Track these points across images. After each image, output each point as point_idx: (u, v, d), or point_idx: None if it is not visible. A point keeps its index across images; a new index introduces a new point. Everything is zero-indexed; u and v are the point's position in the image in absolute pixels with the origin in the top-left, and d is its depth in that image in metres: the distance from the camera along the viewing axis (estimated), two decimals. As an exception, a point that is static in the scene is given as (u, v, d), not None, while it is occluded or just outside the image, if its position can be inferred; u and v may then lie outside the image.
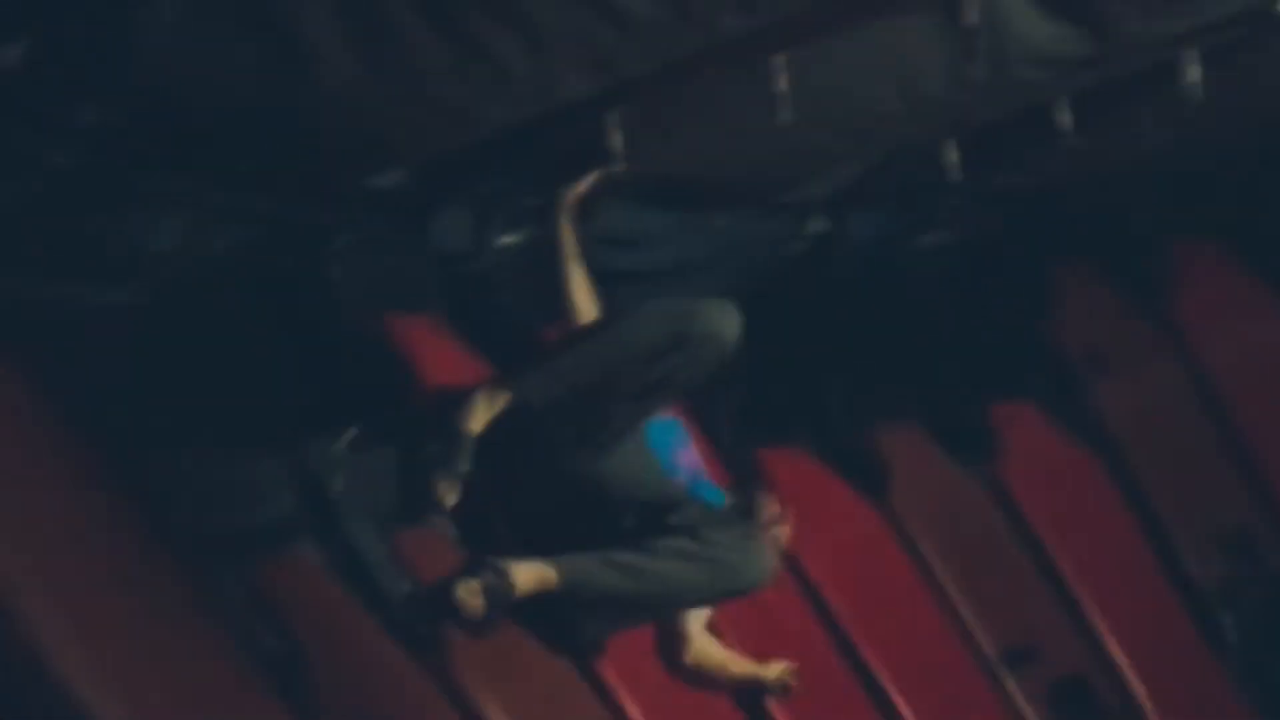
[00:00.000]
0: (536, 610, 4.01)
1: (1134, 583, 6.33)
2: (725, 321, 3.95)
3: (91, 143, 3.63)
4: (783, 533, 4.31)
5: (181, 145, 3.75)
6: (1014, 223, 6.27)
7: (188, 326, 4.10)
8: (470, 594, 3.80)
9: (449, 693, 4.04)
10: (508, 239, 4.67)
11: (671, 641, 4.34)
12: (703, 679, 4.40)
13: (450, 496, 3.90)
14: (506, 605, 3.86)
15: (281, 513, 4.18)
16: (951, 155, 4.97)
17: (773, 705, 4.79)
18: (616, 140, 4.08)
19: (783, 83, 3.98)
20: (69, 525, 3.44)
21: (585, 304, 4.40)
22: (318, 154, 3.93)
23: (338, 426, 4.15)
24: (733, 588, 4.11)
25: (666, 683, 4.39)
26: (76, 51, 3.41)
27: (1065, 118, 4.77)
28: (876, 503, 5.76)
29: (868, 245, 5.88)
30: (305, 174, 4.07)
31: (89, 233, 3.90)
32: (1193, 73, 4.54)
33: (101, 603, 3.39)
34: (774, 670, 4.48)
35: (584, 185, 4.39)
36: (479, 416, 3.96)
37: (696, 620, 4.36)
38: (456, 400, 4.00)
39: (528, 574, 3.89)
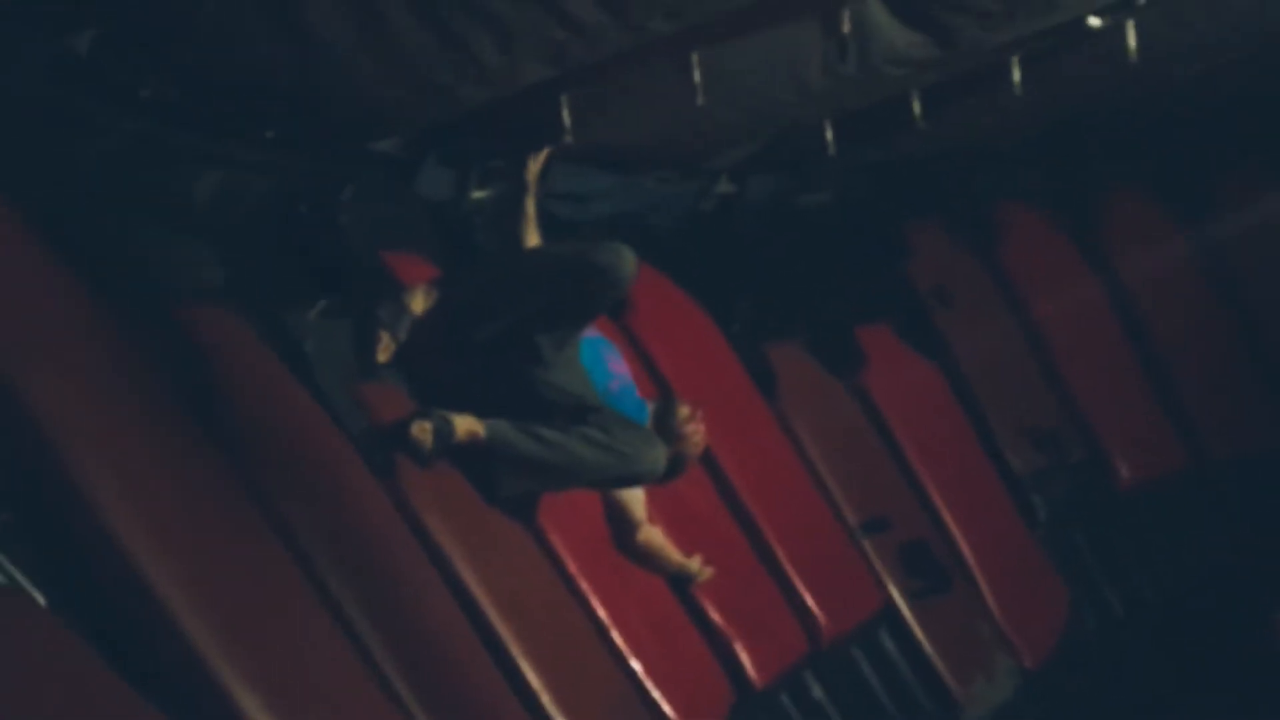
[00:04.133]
0: (470, 462, 4.05)
1: (965, 469, 6.47)
2: (619, 259, 3.95)
3: (151, 112, 3.73)
4: (698, 431, 4.32)
5: (221, 114, 3.89)
6: (877, 187, 6.41)
7: (223, 258, 4.10)
8: (421, 431, 3.89)
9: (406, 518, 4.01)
10: (480, 193, 4.74)
11: (623, 526, 4.39)
12: (646, 560, 4.45)
13: (385, 352, 3.97)
14: (448, 445, 3.92)
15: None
16: (829, 133, 5.06)
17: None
18: (567, 117, 4.12)
19: (698, 74, 4.03)
20: (123, 362, 3.42)
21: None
22: (330, 123, 4.08)
23: (313, 301, 4.21)
24: (625, 474, 4.11)
25: (613, 557, 4.44)
26: (136, 39, 3.51)
27: (917, 106, 4.85)
28: (769, 403, 5.83)
29: (763, 203, 6.00)
30: (320, 139, 4.19)
31: (150, 182, 3.94)
32: (1016, 73, 4.63)
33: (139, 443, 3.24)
34: (696, 563, 4.54)
35: (542, 156, 4.40)
36: (418, 300, 4.02)
37: (639, 508, 4.40)
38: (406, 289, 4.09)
39: (464, 424, 3.97)
